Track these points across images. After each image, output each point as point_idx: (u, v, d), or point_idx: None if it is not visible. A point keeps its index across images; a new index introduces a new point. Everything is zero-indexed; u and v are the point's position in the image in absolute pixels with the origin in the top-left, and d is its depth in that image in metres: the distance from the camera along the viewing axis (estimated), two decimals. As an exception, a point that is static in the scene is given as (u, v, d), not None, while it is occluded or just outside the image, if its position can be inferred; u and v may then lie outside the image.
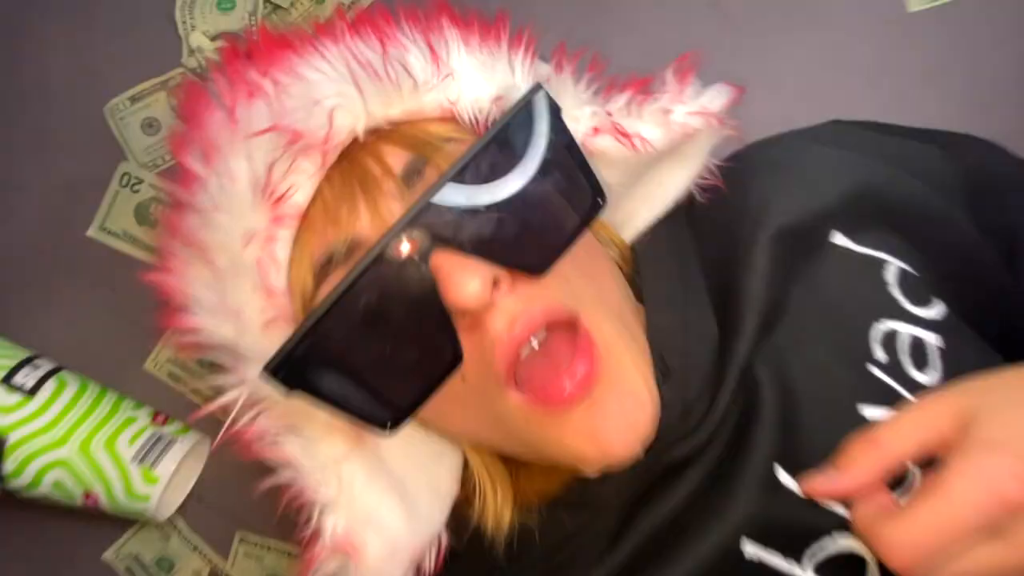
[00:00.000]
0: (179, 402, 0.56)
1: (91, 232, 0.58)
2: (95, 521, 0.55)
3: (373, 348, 0.32)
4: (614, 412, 0.32)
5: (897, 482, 0.30)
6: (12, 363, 0.51)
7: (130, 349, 0.57)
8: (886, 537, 0.26)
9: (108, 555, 0.58)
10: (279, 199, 0.32)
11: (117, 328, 0.57)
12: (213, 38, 0.57)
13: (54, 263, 0.58)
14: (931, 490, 0.25)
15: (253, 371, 0.34)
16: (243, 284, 0.34)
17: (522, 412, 0.32)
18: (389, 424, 0.33)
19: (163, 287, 0.37)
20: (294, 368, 0.31)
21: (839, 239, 0.39)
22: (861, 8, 0.55)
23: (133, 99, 0.58)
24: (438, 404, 0.33)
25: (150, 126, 0.58)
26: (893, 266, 0.38)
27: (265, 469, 0.36)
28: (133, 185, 0.57)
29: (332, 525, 0.34)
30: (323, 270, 0.33)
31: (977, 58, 0.54)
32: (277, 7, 0.57)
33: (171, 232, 0.37)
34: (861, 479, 0.28)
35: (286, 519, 0.36)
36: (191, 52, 0.57)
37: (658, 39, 0.54)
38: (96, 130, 0.57)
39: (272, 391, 0.32)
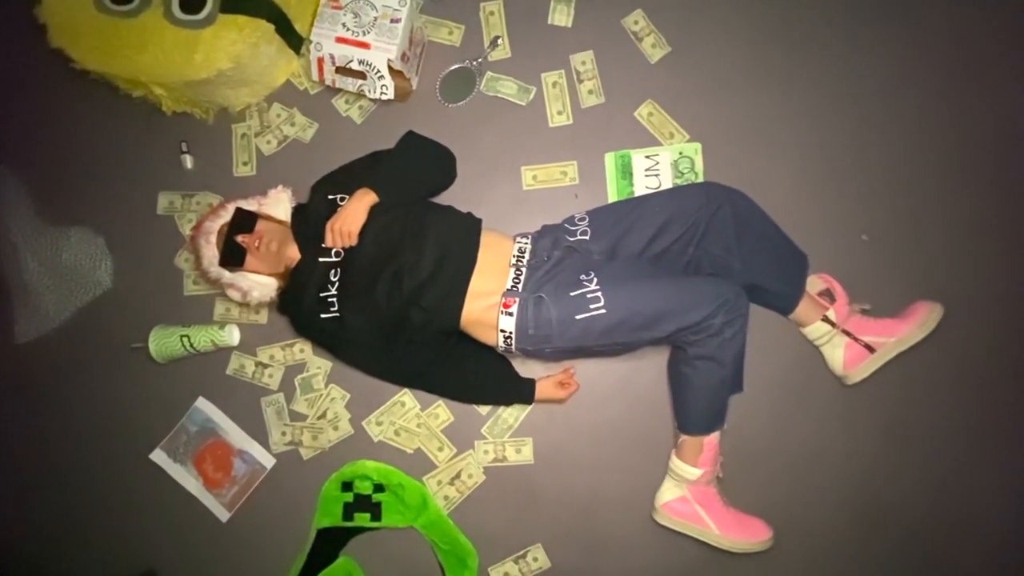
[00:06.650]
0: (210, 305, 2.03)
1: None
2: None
3: (234, 252, 1.76)
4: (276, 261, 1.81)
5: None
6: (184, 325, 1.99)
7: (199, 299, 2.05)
8: (329, 238, 1.76)
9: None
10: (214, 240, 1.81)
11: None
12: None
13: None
14: (334, 219, 1.74)
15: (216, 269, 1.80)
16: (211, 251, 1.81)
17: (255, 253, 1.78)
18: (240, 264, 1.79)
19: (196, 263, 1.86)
20: (226, 258, 1.77)
21: (329, 196, 1.84)
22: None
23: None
24: (251, 263, 1.78)
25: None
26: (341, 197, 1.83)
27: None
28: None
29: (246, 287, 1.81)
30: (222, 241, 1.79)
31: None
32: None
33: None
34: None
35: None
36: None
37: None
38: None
39: (231, 276, 1.79)
